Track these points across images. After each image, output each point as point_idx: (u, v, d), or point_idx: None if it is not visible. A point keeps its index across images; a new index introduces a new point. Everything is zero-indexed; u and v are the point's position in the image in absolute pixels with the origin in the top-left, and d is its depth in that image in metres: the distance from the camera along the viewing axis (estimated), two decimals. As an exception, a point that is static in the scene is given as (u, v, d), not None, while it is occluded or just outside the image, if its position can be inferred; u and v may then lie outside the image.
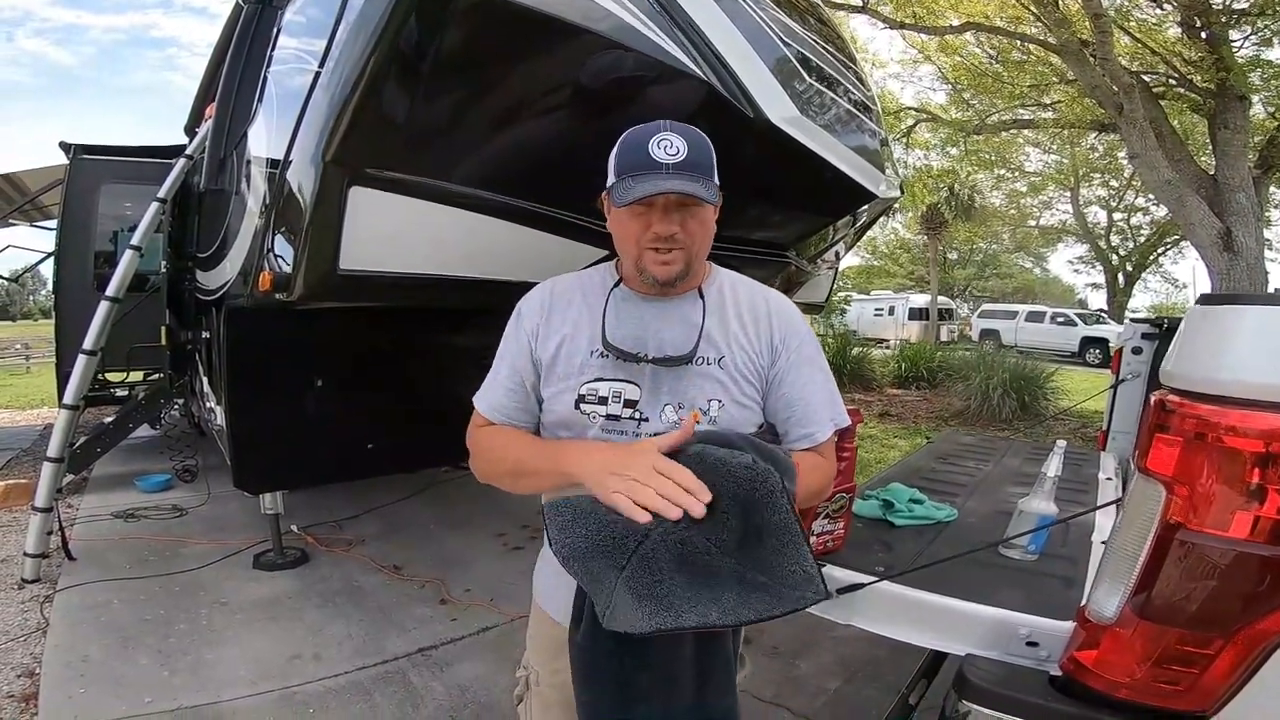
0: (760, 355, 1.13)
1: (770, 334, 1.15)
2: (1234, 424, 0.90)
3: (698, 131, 1.06)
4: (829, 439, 1.16)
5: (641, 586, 0.88)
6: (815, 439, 1.13)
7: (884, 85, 13.04)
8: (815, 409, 1.14)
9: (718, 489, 0.88)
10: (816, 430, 1.13)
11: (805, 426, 1.13)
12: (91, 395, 5.28)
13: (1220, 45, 7.96)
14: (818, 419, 1.14)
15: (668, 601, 0.86)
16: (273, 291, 2.05)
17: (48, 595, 3.11)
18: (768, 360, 1.14)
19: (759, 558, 0.89)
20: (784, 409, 1.14)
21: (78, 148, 5.50)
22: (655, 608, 0.86)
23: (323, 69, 1.98)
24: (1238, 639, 0.92)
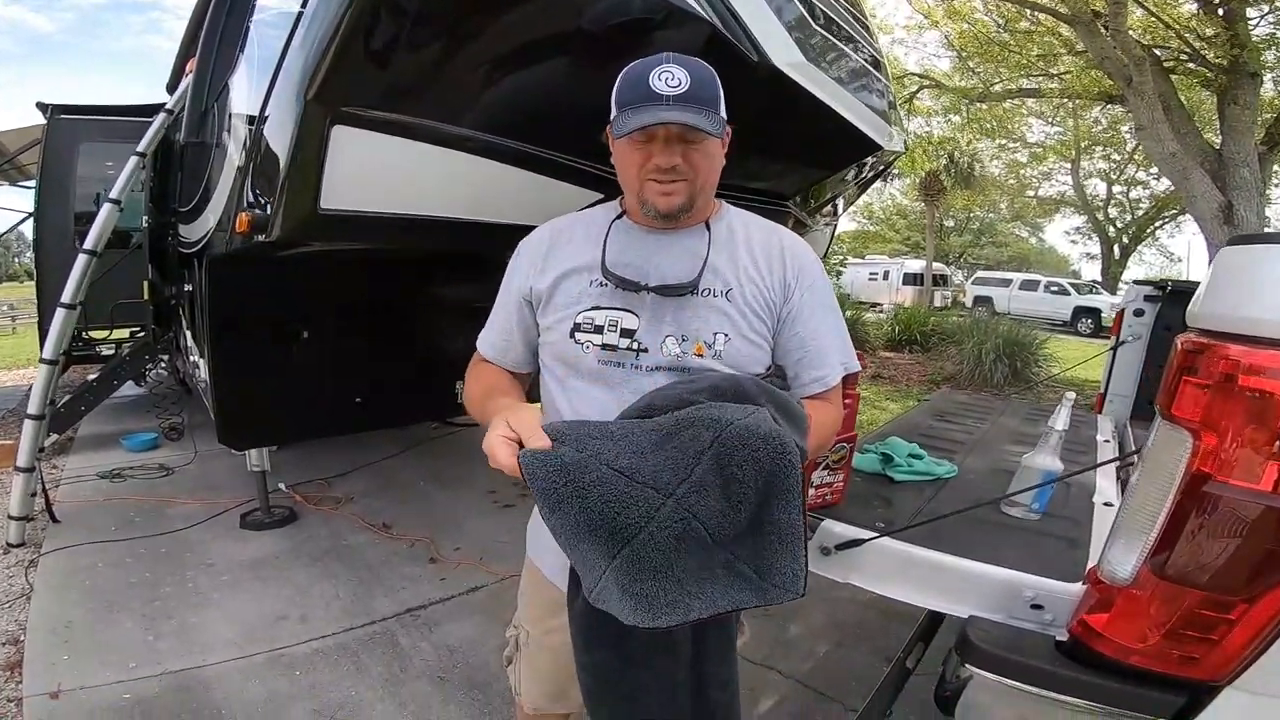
0: (772, 291, 1.08)
1: (784, 270, 1.10)
2: (1267, 365, 0.83)
3: (701, 63, 1.01)
4: (839, 383, 1.12)
5: (628, 581, 0.84)
6: (827, 382, 1.10)
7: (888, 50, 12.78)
8: (827, 351, 1.10)
9: (743, 469, 0.83)
10: (828, 373, 1.09)
11: (817, 369, 1.09)
12: (76, 354, 5.25)
13: (1236, 22, 7.88)
14: (829, 361, 1.10)
15: (648, 601, 0.84)
16: (251, 233, 1.97)
17: (32, 559, 3.06)
18: (780, 297, 1.09)
19: (756, 551, 0.87)
20: (796, 349, 1.09)
21: (55, 107, 5.40)
22: (635, 605, 0.84)
23: (305, 7, 1.90)
24: (1262, 603, 0.87)
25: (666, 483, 0.84)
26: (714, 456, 0.84)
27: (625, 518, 0.83)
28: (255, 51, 2.60)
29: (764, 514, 0.86)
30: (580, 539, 0.85)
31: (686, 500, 0.83)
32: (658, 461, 0.85)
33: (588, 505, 0.83)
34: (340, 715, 2.10)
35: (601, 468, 0.84)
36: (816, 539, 1.45)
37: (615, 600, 0.85)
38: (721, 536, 0.85)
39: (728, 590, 0.86)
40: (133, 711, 2.08)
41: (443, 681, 2.28)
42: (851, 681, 2.30)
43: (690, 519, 0.83)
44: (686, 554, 0.85)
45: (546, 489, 0.83)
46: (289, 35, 1.95)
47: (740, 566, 0.87)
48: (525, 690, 1.36)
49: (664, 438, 0.86)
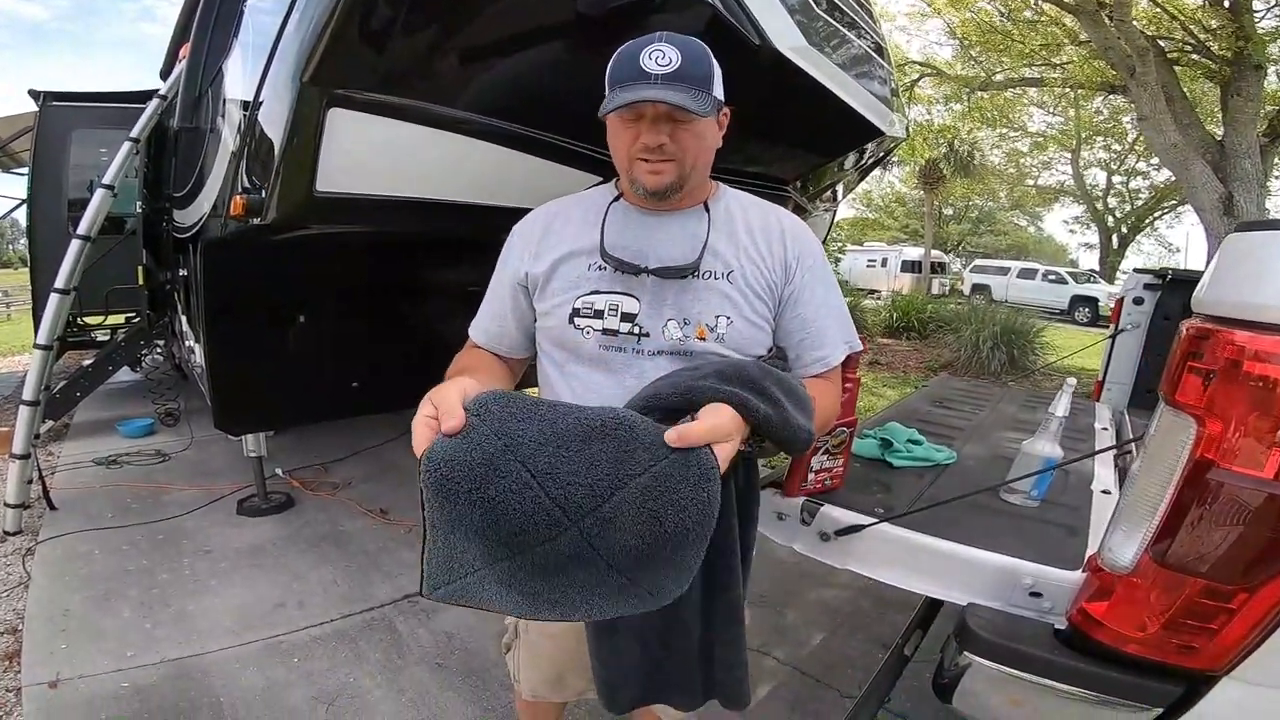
0: (774, 272, 1.07)
1: (784, 251, 1.09)
2: (1273, 350, 0.83)
3: (696, 42, 0.99)
4: (840, 363, 1.11)
5: (515, 582, 0.81)
6: (829, 362, 1.09)
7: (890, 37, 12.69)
8: (829, 331, 1.09)
9: (665, 514, 0.77)
10: (831, 353, 1.08)
11: (820, 349, 1.08)
12: (72, 340, 5.23)
13: (1242, 14, 7.85)
14: (832, 341, 1.09)
15: (532, 598, 0.81)
16: (246, 217, 1.95)
17: (30, 547, 3.05)
18: (781, 278, 1.08)
19: (655, 580, 0.83)
20: (799, 329, 1.08)
21: (47, 94, 5.36)
22: (520, 599, 0.81)
23: (301, -10, 1.88)
24: (1262, 593, 0.87)
25: (577, 505, 0.77)
26: (640, 489, 0.77)
27: (522, 536, 0.78)
28: (249, 35, 2.57)
29: (677, 554, 0.81)
30: (460, 536, 0.80)
31: (590, 532, 0.78)
32: (577, 468, 0.78)
33: (488, 515, 0.77)
34: (338, 702, 2.10)
35: (514, 468, 0.77)
36: (815, 525, 1.45)
37: (490, 593, 0.81)
38: (621, 566, 0.81)
39: (616, 604, 0.83)
40: (131, 700, 2.07)
41: (441, 668, 2.29)
42: (848, 669, 2.31)
43: (587, 549, 0.79)
44: (576, 570, 0.81)
45: (442, 485, 0.76)
46: (284, 18, 1.93)
47: (635, 589, 0.82)
48: (524, 678, 1.36)
49: (596, 439, 0.79)
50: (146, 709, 2.04)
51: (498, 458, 0.76)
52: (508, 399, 0.81)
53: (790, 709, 2.11)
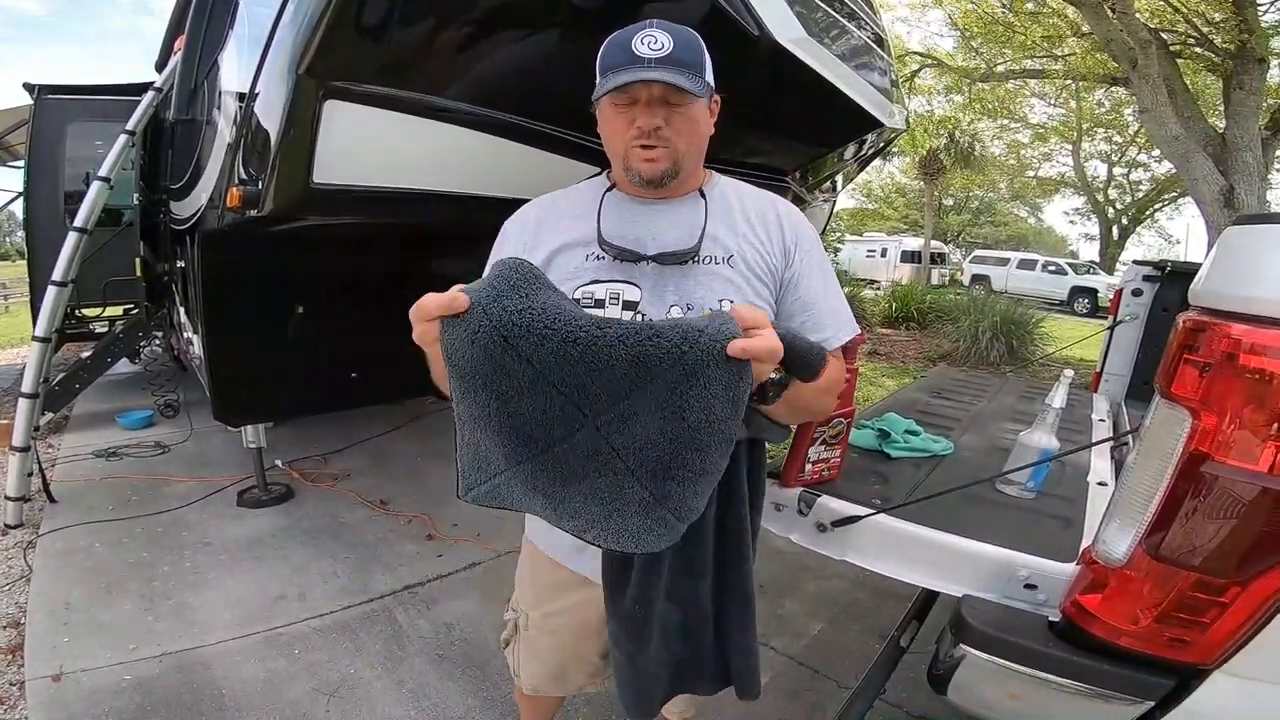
0: (774, 255, 1.07)
1: (782, 235, 1.09)
2: (1269, 344, 0.83)
3: (686, 28, 0.99)
4: (840, 348, 1.11)
5: (538, 485, 0.81)
6: (830, 344, 1.08)
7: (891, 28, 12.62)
8: (829, 314, 1.09)
9: (690, 407, 0.74)
10: (831, 335, 1.08)
11: (821, 331, 1.07)
12: (70, 332, 5.22)
13: (1245, 8, 7.81)
14: (832, 324, 1.09)
15: (555, 504, 0.81)
16: (243, 208, 1.95)
17: (30, 540, 3.05)
18: (782, 262, 1.08)
19: (680, 498, 0.80)
20: (799, 313, 1.08)
21: (42, 87, 5.33)
22: (544, 503, 0.82)
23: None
24: (1255, 586, 0.87)
25: (593, 401, 0.75)
26: (664, 384, 0.73)
27: (539, 431, 0.77)
28: (245, 27, 2.56)
29: (702, 459, 0.77)
30: (484, 433, 0.80)
31: (609, 429, 0.76)
32: (591, 365, 0.74)
33: (504, 409, 0.76)
34: (339, 693, 2.12)
35: (520, 366, 0.74)
36: (812, 515, 1.46)
37: (517, 495, 0.82)
38: (641, 472, 0.78)
39: (637, 534, 0.81)
40: (134, 693, 2.08)
41: (441, 659, 2.30)
42: (845, 659, 2.32)
43: (606, 448, 0.77)
44: (597, 477, 0.79)
45: (463, 374, 0.75)
46: (280, 9, 1.92)
47: (660, 511, 0.80)
48: (525, 672, 1.36)
49: (613, 336, 0.74)
50: (149, 702, 2.05)
51: (500, 355, 0.74)
52: (515, 281, 0.76)
53: (789, 699, 2.13)
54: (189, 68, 3.44)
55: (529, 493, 0.82)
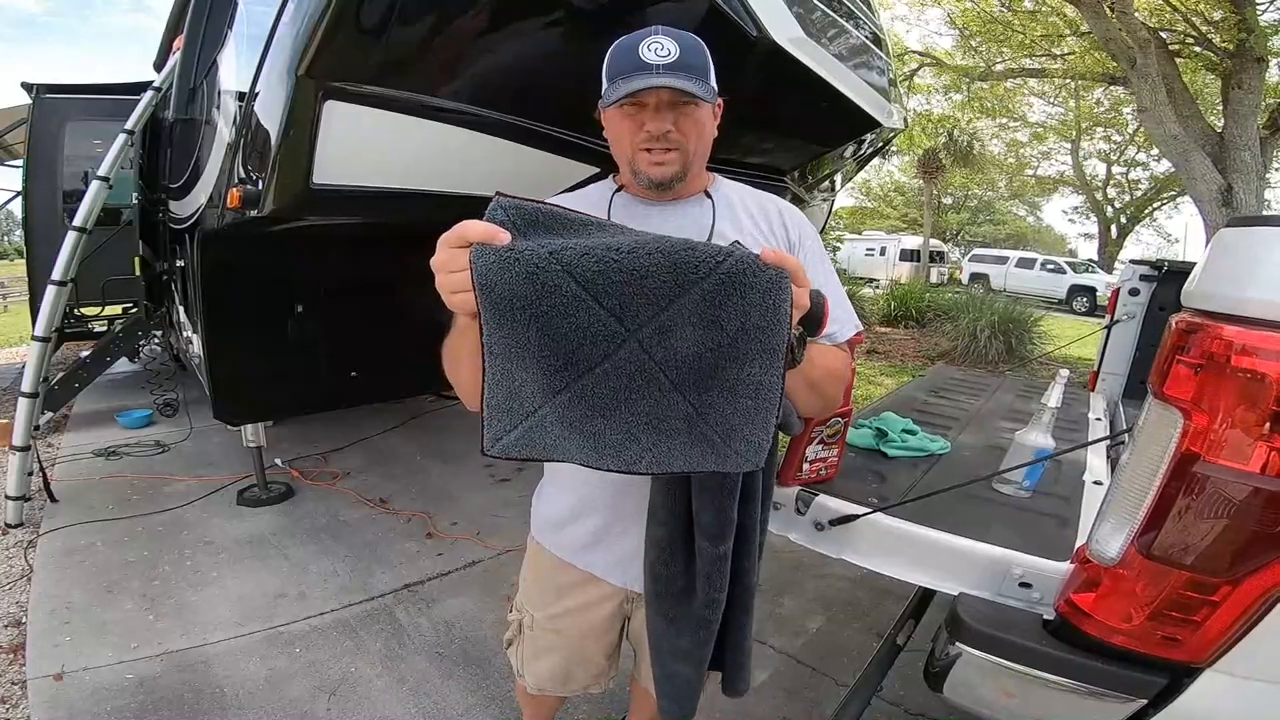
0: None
1: (786, 232, 1.11)
2: (1260, 346, 0.84)
3: (691, 34, 1.00)
4: (846, 342, 1.12)
5: (577, 419, 0.77)
6: (835, 339, 1.10)
7: (889, 27, 12.63)
8: (835, 309, 1.09)
9: (730, 316, 0.73)
10: (837, 330, 1.10)
11: (828, 326, 1.08)
12: (69, 331, 5.22)
13: (1245, 7, 7.81)
14: (837, 319, 1.09)
15: (595, 439, 0.78)
16: (243, 208, 1.95)
17: (31, 540, 3.06)
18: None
19: (725, 412, 0.77)
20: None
21: (40, 87, 5.33)
22: (583, 443, 0.78)
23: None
24: (1245, 585, 0.88)
25: (634, 314, 0.73)
26: (701, 293, 0.72)
27: (579, 353, 0.74)
28: (244, 28, 2.56)
29: (742, 371, 0.76)
30: (519, 365, 0.76)
31: (649, 343, 0.74)
32: (630, 276, 0.72)
33: (544, 332, 0.73)
34: (340, 691, 2.13)
35: (563, 280, 0.72)
36: (810, 514, 1.47)
37: (553, 437, 0.78)
38: (684, 385, 0.77)
39: (686, 450, 0.79)
40: (135, 691, 2.09)
41: (441, 657, 2.31)
42: (843, 657, 2.33)
43: (648, 362, 0.75)
44: (638, 396, 0.77)
45: (499, 301, 0.72)
46: (279, 10, 1.93)
47: (703, 426, 0.78)
48: (529, 672, 1.37)
49: (651, 248, 0.73)
50: (150, 700, 2.06)
51: (545, 270, 0.72)
52: (554, 215, 0.75)
53: (788, 696, 2.14)
54: (188, 67, 3.45)
55: (566, 432, 0.78)
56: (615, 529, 1.17)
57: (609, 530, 1.17)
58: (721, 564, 1.04)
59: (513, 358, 0.76)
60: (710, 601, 1.06)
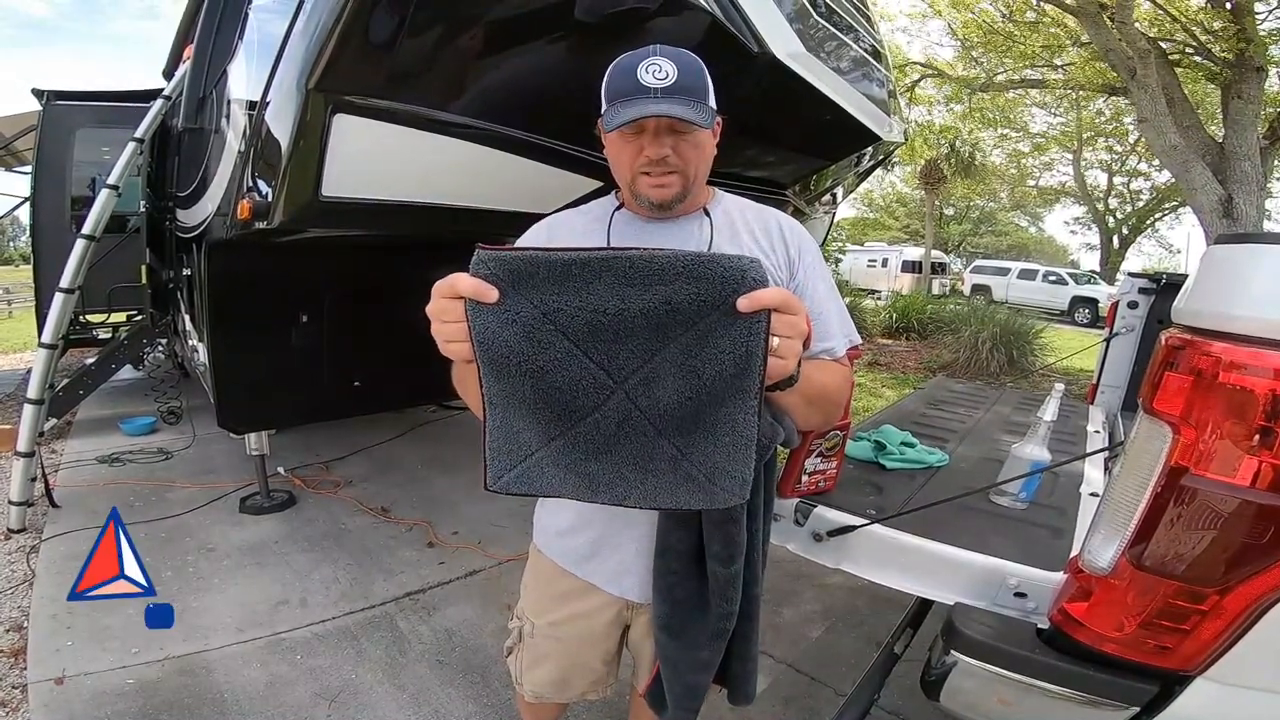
0: (779, 269, 1.11)
1: (785, 247, 1.12)
2: (1247, 362, 0.86)
3: (689, 54, 1.01)
4: (844, 354, 1.14)
5: (572, 462, 0.83)
6: (834, 353, 1.11)
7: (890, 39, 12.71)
8: (833, 323, 1.12)
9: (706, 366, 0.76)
10: (834, 344, 1.11)
11: (824, 341, 1.10)
12: (74, 338, 5.26)
13: (1244, 16, 7.84)
14: (835, 333, 1.12)
15: (590, 479, 0.84)
16: (252, 220, 1.98)
17: (33, 545, 3.08)
18: (786, 273, 1.11)
19: (707, 452, 0.82)
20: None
21: (50, 93, 5.38)
22: (578, 482, 0.84)
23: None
24: (1233, 595, 0.90)
25: (620, 366, 0.78)
26: (681, 347, 0.76)
27: (573, 403, 0.80)
28: (255, 38, 2.60)
29: (720, 411, 0.80)
30: (516, 414, 0.83)
31: (635, 393, 0.79)
32: (618, 333, 0.77)
33: (538, 385, 0.79)
34: (340, 698, 2.14)
35: (555, 338, 0.77)
36: (809, 526, 1.48)
37: (550, 477, 0.84)
38: (667, 430, 0.82)
39: (672, 489, 0.84)
40: (136, 696, 2.11)
41: (442, 665, 2.32)
42: (842, 666, 2.34)
43: (634, 411, 0.80)
44: (627, 442, 0.82)
45: (496, 358, 0.78)
46: (290, 23, 1.95)
47: (687, 466, 0.83)
48: (528, 679, 1.37)
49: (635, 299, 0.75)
50: (151, 705, 2.07)
51: (538, 330, 0.77)
52: (536, 263, 0.77)
53: (785, 705, 2.15)
54: (198, 77, 3.48)
55: (562, 473, 0.84)
56: (611, 541, 1.18)
57: (605, 543, 1.19)
58: (735, 581, 1.07)
59: (510, 407, 0.82)
60: (724, 614, 1.09)
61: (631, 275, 0.75)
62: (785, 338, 0.78)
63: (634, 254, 0.75)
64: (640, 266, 0.75)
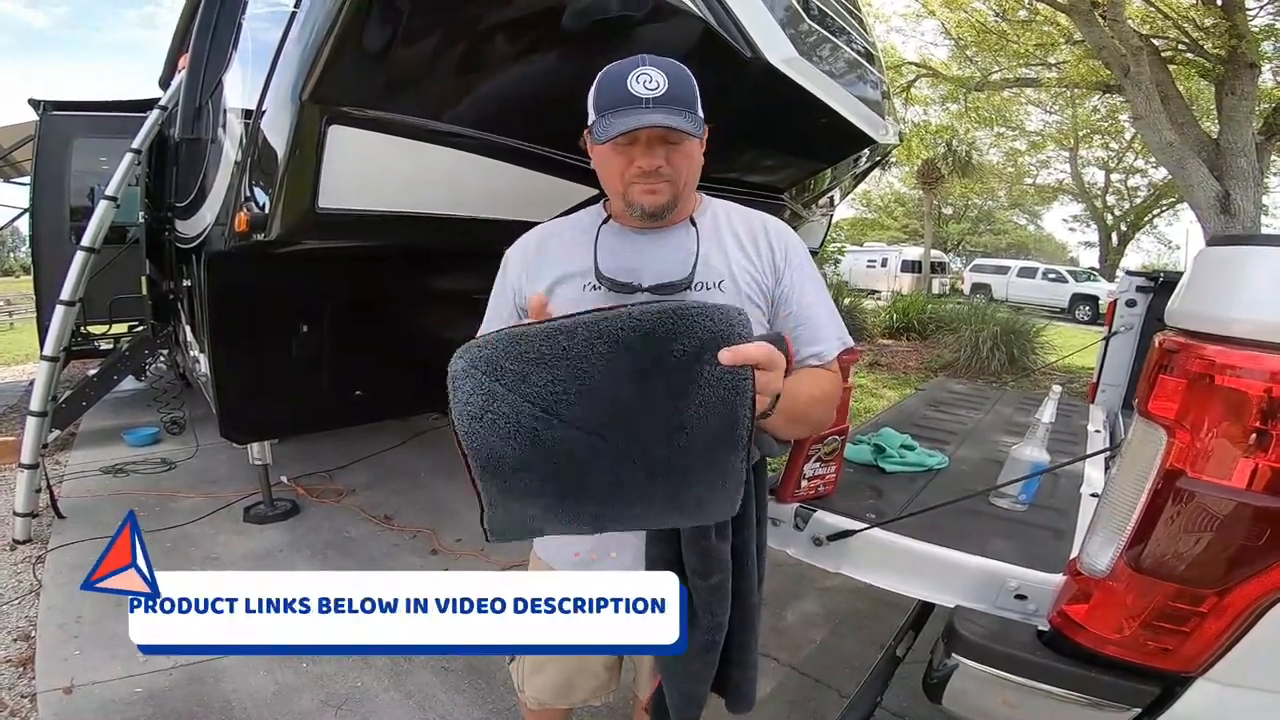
0: (765, 275, 1.11)
1: (771, 253, 1.13)
2: (1241, 365, 0.86)
3: (677, 64, 1.02)
4: (835, 357, 1.14)
5: (565, 511, 0.86)
6: (824, 356, 1.12)
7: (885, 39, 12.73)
8: (822, 326, 1.13)
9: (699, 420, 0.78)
10: (825, 348, 1.12)
11: (814, 344, 1.11)
12: (75, 349, 5.26)
13: (1235, 12, 7.85)
14: (825, 336, 1.12)
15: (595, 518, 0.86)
16: (250, 233, 1.99)
17: (39, 556, 3.09)
18: (772, 280, 1.12)
19: (694, 492, 0.85)
20: (793, 327, 1.12)
21: (47, 104, 5.39)
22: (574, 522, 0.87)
23: (298, 8, 1.92)
24: (1232, 596, 0.90)
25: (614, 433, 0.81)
26: (670, 400, 0.79)
27: (563, 466, 0.82)
28: (249, 48, 2.61)
29: (709, 456, 0.82)
30: (515, 497, 0.85)
31: (626, 449, 0.81)
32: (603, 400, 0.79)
33: (524, 455, 0.81)
34: (347, 705, 2.14)
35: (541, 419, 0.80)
36: (809, 530, 1.49)
37: (542, 524, 0.87)
38: (660, 472, 0.84)
39: (661, 517, 0.88)
40: (144, 705, 2.11)
41: (446, 671, 2.32)
42: (846, 669, 2.34)
43: (627, 465, 0.82)
44: (624, 487, 0.84)
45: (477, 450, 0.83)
46: (282, 35, 1.96)
47: (679, 500, 0.86)
48: (530, 685, 1.38)
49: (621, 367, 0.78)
50: (159, 713, 2.08)
51: (524, 416, 0.79)
52: (510, 346, 0.79)
53: (790, 707, 2.15)
54: (193, 86, 3.49)
55: (557, 523, 0.87)
56: (611, 547, 1.19)
57: (605, 549, 1.19)
58: (718, 592, 1.08)
59: (500, 474, 0.84)
60: (712, 626, 1.10)
61: (616, 336, 0.77)
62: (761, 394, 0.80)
63: (616, 314, 0.77)
64: (627, 325, 0.77)
